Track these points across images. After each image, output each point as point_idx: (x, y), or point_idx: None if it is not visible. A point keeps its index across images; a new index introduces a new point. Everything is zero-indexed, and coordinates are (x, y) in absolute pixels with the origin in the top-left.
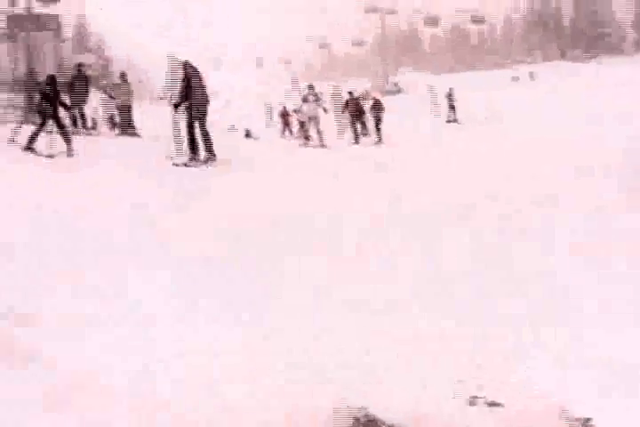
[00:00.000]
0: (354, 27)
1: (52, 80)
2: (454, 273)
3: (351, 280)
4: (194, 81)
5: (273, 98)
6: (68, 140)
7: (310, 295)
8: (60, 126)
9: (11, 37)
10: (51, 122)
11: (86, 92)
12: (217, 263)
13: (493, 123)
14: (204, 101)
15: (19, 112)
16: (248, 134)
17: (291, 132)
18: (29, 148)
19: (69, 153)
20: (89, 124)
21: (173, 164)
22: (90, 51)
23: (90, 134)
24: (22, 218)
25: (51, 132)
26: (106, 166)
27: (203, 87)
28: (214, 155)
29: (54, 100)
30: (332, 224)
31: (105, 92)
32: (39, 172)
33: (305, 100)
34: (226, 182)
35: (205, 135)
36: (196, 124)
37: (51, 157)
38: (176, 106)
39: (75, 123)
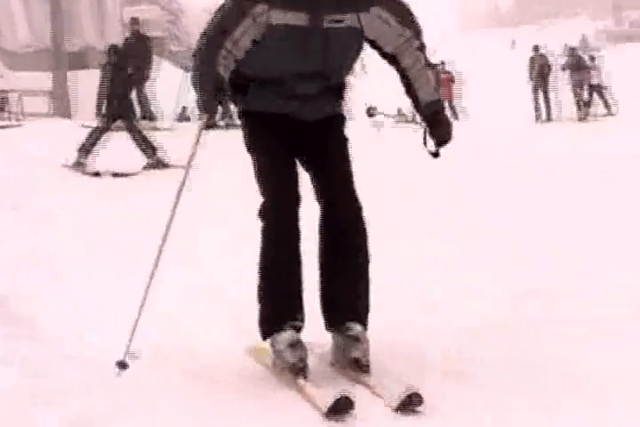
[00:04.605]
0: None
1: (115, 53)
2: None
3: None
4: None
5: None
6: (146, 150)
7: None
8: (130, 122)
9: None
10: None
11: (146, 65)
12: None
13: None
14: None
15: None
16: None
17: None
18: (80, 162)
19: (147, 166)
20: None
21: None
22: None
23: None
24: None
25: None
26: None
27: None
28: None
29: (123, 86)
30: None
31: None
32: None
33: None
34: None
35: None
36: None
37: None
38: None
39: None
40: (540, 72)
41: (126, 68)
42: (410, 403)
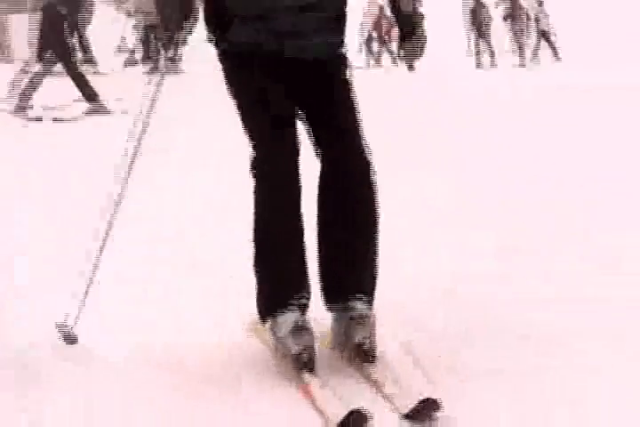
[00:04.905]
0: None
1: None
2: None
3: None
4: None
5: None
6: (87, 94)
7: None
8: (71, 67)
9: None
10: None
11: (86, 8)
12: None
13: None
14: None
15: None
16: None
17: None
18: (21, 107)
19: (89, 111)
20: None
21: None
22: None
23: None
24: None
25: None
26: None
27: None
28: None
29: (64, 30)
30: None
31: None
32: None
33: None
34: None
35: None
36: None
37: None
38: None
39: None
40: (482, 21)
41: (66, 11)
42: (423, 409)
